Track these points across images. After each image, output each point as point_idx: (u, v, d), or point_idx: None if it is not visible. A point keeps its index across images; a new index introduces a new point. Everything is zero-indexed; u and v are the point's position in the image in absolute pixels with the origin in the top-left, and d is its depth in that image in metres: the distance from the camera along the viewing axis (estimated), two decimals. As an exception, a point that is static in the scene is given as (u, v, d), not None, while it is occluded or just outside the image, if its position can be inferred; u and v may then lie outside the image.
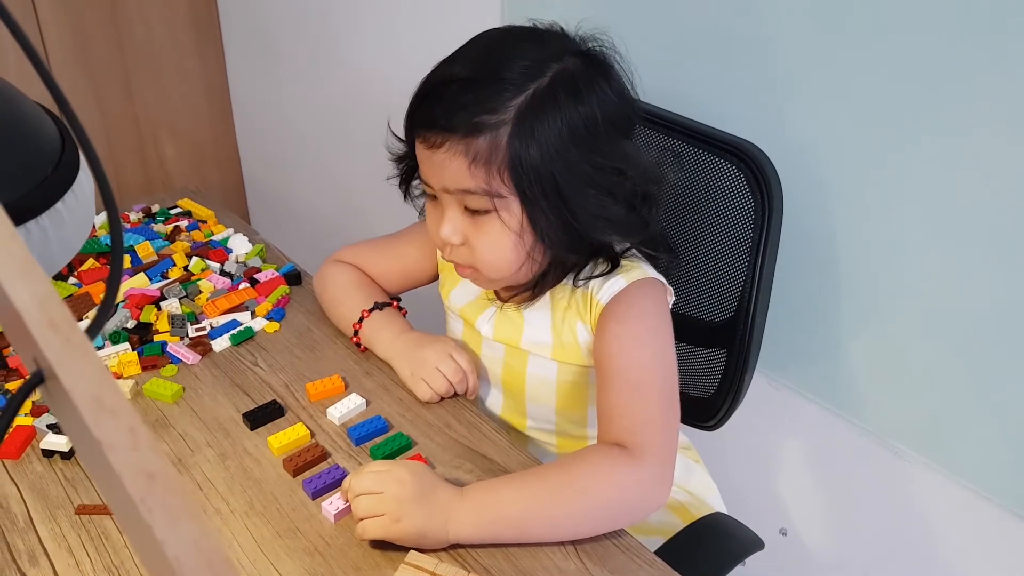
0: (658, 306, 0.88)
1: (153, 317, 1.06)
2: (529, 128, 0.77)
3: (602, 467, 0.79)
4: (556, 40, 0.83)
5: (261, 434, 0.90)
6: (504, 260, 0.84)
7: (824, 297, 1.10)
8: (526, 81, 0.78)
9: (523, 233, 0.82)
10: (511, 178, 0.79)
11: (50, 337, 0.27)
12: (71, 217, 0.45)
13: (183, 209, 1.32)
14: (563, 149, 0.78)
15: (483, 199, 0.80)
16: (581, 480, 0.78)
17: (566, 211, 0.80)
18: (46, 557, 0.77)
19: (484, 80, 0.79)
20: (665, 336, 0.87)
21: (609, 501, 0.79)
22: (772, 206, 0.93)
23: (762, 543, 1.03)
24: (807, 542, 1.29)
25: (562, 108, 0.78)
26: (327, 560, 0.76)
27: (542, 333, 0.92)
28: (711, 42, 1.09)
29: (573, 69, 0.80)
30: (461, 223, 0.83)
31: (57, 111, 0.48)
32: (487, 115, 0.77)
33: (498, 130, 0.77)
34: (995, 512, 1.03)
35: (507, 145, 0.77)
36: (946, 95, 0.90)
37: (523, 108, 0.77)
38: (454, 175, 0.80)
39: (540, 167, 0.78)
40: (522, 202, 0.80)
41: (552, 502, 0.78)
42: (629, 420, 0.81)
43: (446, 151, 0.79)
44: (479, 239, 0.83)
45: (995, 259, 0.93)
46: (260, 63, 2.02)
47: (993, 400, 0.98)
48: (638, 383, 0.83)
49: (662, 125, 1.00)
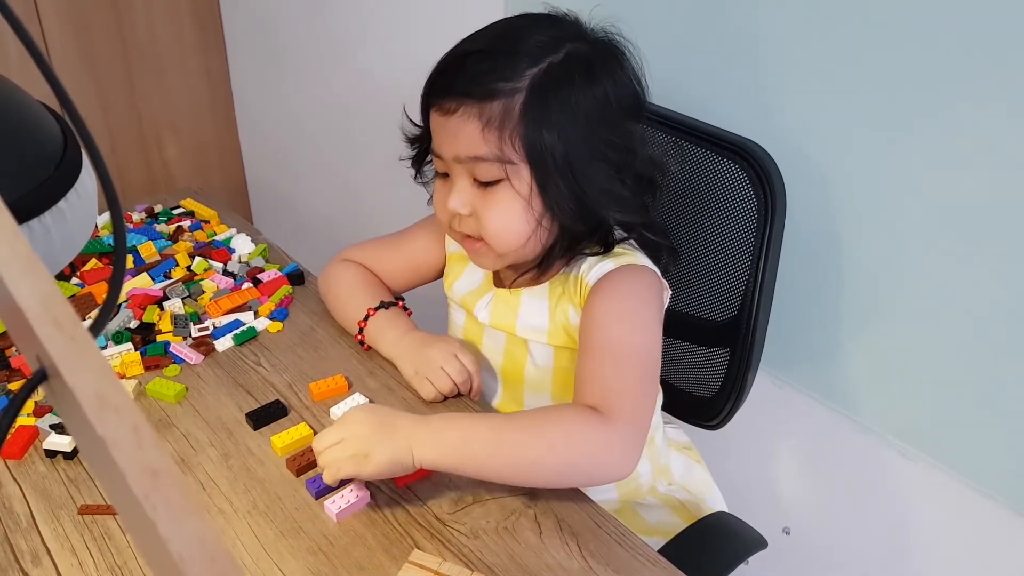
0: (645, 290, 0.88)
1: (156, 317, 1.06)
2: (542, 98, 0.80)
3: (572, 422, 0.79)
4: (572, 25, 0.86)
5: (264, 434, 0.90)
6: (513, 229, 0.85)
7: (827, 296, 1.10)
8: (542, 55, 0.81)
9: (532, 200, 0.83)
10: (523, 144, 0.81)
11: (53, 334, 0.27)
12: (73, 216, 0.44)
13: (186, 209, 1.32)
14: (574, 121, 0.81)
15: (494, 166, 0.82)
16: (548, 428, 0.79)
17: (574, 181, 0.82)
18: (49, 558, 0.77)
19: (501, 51, 0.82)
20: (649, 319, 0.87)
21: (572, 455, 0.79)
22: (775, 205, 0.93)
23: (765, 542, 1.02)
24: (810, 541, 1.29)
25: (575, 82, 0.81)
26: (330, 559, 0.76)
27: (538, 318, 0.93)
28: (715, 41, 1.09)
29: (588, 50, 0.83)
30: (469, 194, 0.85)
31: (59, 109, 0.48)
32: (502, 82, 0.80)
33: (512, 97, 0.80)
34: (998, 510, 1.02)
35: (520, 112, 0.80)
36: (950, 94, 0.90)
37: (537, 78, 0.80)
38: (467, 140, 0.82)
39: (551, 135, 0.80)
40: (532, 169, 0.82)
41: (516, 445, 0.78)
42: (605, 386, 0.82)
43: (460, 115, 0.81)
44: (488, 210, 0.85)
45: (998, 258, 0.93)
46: (263, 62, 2.02)
47: (996, 398, 0.98)
48: (618, 356, 0.84)
49: (666, 124, 1.00)
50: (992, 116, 0.88)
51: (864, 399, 1.12)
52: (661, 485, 1.03)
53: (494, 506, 0.82)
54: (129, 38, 1.96)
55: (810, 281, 1.11)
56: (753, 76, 1.07)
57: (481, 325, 0.97)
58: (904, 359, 1.05)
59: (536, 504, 0.82)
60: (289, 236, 2.09)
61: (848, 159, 1.01)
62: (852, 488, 1.20)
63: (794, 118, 1.04)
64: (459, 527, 0.79)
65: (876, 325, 1.07)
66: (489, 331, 0.97)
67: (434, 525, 0.79)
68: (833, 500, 1.24)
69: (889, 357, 1.07)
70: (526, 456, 0.78)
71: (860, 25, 0.95)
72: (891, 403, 1.10)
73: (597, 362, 0.84)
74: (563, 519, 0.80)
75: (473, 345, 1.00)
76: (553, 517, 0.81)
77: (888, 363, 1.08)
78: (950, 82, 0.90)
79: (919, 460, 1.09)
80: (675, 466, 1.05)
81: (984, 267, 0.94)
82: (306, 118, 1.97)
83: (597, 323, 0.86)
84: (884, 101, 0.96)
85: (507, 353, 0.97)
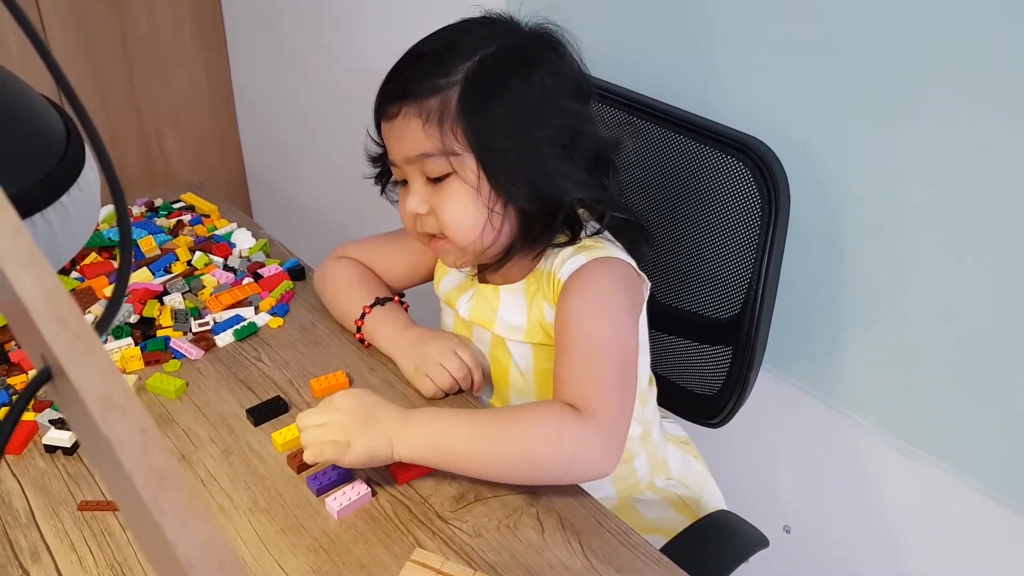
0: (617, 284, 0.88)
1: (156, 312, 1.06)
2: (477, 88, 0.83)
3: (548, 419, 0.80)
4: (506, 23, 0.89)
5: (265, 430, 0.90)
6: (467, 220, 0.86)
7: (829, 294, 1.10)
8: (474, 50, 0.84)
9: (481, 188, 0.85)
10: (464, 135, 0.83)
11: (58, 333, 0.26)
12: (77, 210, 0.44)
13: (186, 203, 1.31)
14: (513, 107, 0.84)
15: (440, 160, 0.84)
16: (527, 427, 0.80)
17: (521, 163, 0.84)
18: (48, 553, 0.76)
19: (435, 52, 0.86)
20: (622, 313, 0.87)
21: (548, 452, 0.79)
22: (779, 202, 0.92)
23: (767, 541, 1.02)
24: (810, 539, 1.29)
25: (510, 71, 0.84)
26: (331, 557, 0.76)
27: (516, 316, 0.93)
28: (719, 38, 1.09)
29: (520, 42, 0.86)
30: (424, 192, 0.87)
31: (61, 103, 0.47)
32: (438, 78, 0.83)
33: (448, 91, 0.83)
34: (999, 510, 1.02)
35: (457, 103, 0.83)
36: (955, 94, 0.90)
37: (471, 71, 0.83)
38: (411, 139, 0.85)
39: (491, 122, 0.83)
40: (476, 157, 0.84)
41: (492, 443, 0.80)
42: (582, 384, 0.82)
43: (402, 117, 0.85)
44: (442, 204, 0.87)
45: (1002, 256, 0.92)
46: (263, 56, 2.01)
47: (998, 398, 0.98)
48: (593, 354, 0.84)
49: (669, 121, 0.99)
50: (999, 116, 0.88)
51: (865, 397, 1.12)
52: (659, 480, 1.03)
53: (496, 504, 0.81)
54: (129, 31, 1.95)
55: (812, 279, 1.11)
56: (756, 72, 1.06)
57: (468, 324, 0.97)
58: (906, 357, 1.05)
59: (538, 502, 0.81)
60: (289, 230, 2.08)
61: (852, 156, 1.01)
62: (853, 487, 1.20)
63: (798, 115, 1.04)
64: (461, 525, 0.79)
65: (878, 323, 1.07)
66: (476, 331, 0.97)
67: (435, 523, 0.79)
68: (834, 499, 1.24)
69: (891, 355, 1.07)
70: (504, 454, 0.80)
71: (867, 19, 0.94)
72: (892, 401, 1.09)
73: (571, 360, 0.84)
74: (565, 517, 0.80)
75: (476, 347, 1.00)
76: (555, 515, 0.80)
77: (890, 361, 1.07)
78: (956, 81, 0.89)
79: (920, 459, 1.08)
80: (673, 461, 1.05)
81: (988, 266, 0.94)
82: (306, 112, 1.96)
83: (570, 320, 0.86)
84: (889, 99, 0.95)
85: (492, 356, 0.97)
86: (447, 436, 0.80)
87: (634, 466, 1.00)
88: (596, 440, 0.79)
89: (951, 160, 0.93)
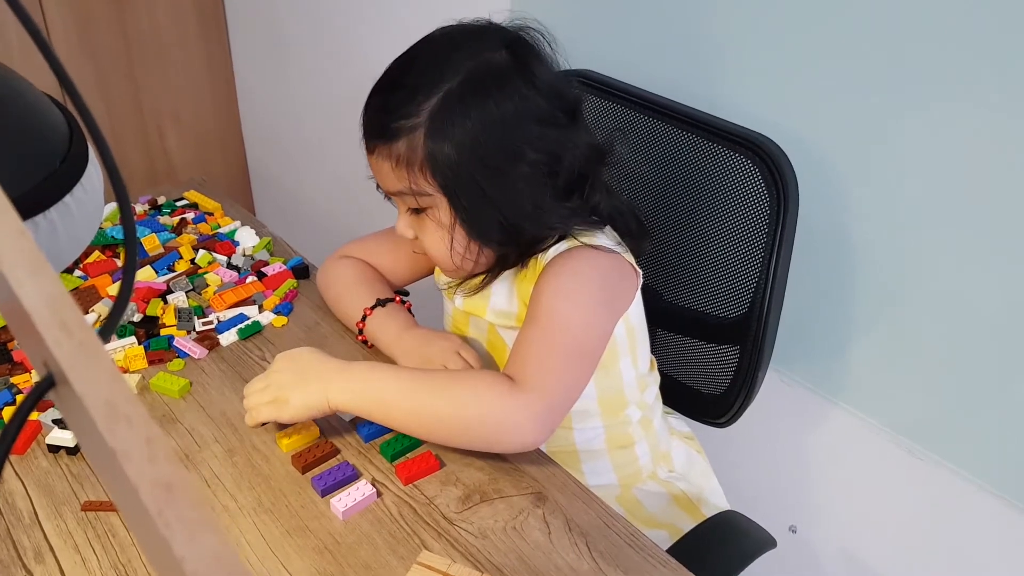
0: (596, 270, 0.88)
1: (159, 311, 1.05)
2: (442, 128, 0.82)
3: (480, 385, 0.81)
4: (476, 40, 0.85)
5: (270, 430, 0.89)
6: (442, 256, 0.88)
7: (837, 293, 1.09)
8: (438, 83, 0.82)
9: (454, 230, 0.86)
10: (433, 177, 0.83)
11: (61, 340, 0.26)
12: (80, 210, 0.43)
13: (189, 201, 1.30)
14: (478, 144, 0.82)
15: (413, 199, 0.86)
16: (457, 388, 0.81)
17: (492, 206, 0.84)
18: (52, 554, 0.76)
19: (399, 86, 0.85)
20: (594, 297, 0.87)
21: (474, 415, 0.81)
22: (788, 201, 0.92)
23: (775, 541, 1.01)
24: (817, 540, 1.28)
25: (474, 106, 0.82)
26: (336, 559, 0.75)
27: (506, 302, 0.94)
28: (729, 37, 1.08)
29: (489, 66, 0.83)
30: (409, 220, 0.90)
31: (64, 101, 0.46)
32: (402, 120, 0.83)
33: (414, 133, 0.82)
34: (1007, 509, 1.02)
35: (423, 145, 0.82)
36: (965, 93, 0.89)
37: (435, 110, 0.82)
38: (386, 177, 0.86)
39: (458, 163, 0.82)
40: (448, 200, 0.84)
41: (423, 399, 0.82)
42: (525, 357, 0.83)
43: (376, 156, 0.86)
44: (423, 235, 0.89)
45: (1010, 256, 0.92)
46: (266, 53, 2.01)
47: (1006, 397, 0.97)
48: (548, 328, 0.84)
49: (678, 119, 0.99)
50: (1006, 115, 0.87)
51: (873, 397, 1.11)
52: (661, 471, 1.03)
53: (502, 505, 0.81)
54: (131, 28, 1.95)
55: (819, 278, 1.10)
56: (766, 70, 1.05)
57: (464, 314, 0.98)
58: (914, 357, 1.04)
59: (544, 504, 0.81)
60: (291, 228, 2.08)
61: (860, 154, 1.00)
62: (859, 486, 1.19)
63: (807, 113, 1.03)
64: (467, 526, 0.78)
65: (885, 323, 1.06)
66: (473, 320, 0.98)
67: (441, 524, 0.78)
68: (840, 498, 1.23)
69: (898, 355, 1.06)
70: (431, 411, 0.81)
71: (876, 16, 0.93)
72: (901, 401, 1.09)
73: (526, 333, 0.85)
74: (571, 519, 0.79)
75: (476, 341, 0.99)
76: (562, 516, 0.80)
77: (898, 361, 1.07)
78: (961, 81, 0.88)
79: (927, 458, 1.08)
80: (676, 454, 1.05)
81: (997, 266, 0.93)
82: (309, 109, 1.95)
83: (538, 297, 0.87)
84: (899, 98, 0.94)
85: (489, 343, 0.98)
86: (380, 387, 0.83)
87: (635, 452, 1.00)
88: (523, 411, 0.80)
89: (960, 160, 0.92)
